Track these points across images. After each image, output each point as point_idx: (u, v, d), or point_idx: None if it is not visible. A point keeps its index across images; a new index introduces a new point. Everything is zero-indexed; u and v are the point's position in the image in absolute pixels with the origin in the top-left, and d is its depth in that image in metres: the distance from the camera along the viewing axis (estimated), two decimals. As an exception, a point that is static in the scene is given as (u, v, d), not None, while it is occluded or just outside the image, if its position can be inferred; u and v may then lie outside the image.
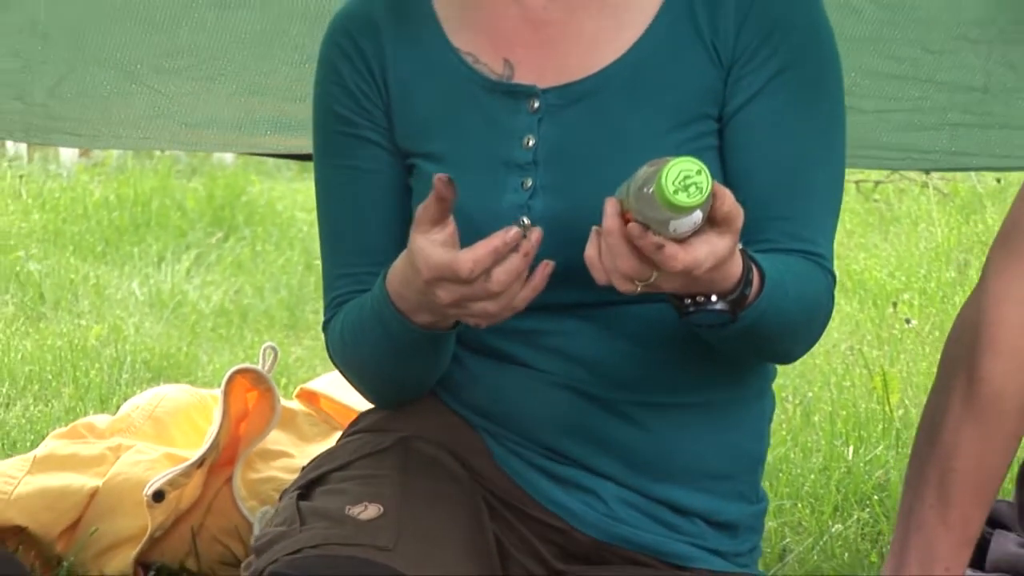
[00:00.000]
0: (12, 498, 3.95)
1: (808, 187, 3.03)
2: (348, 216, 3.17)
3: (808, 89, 3.04)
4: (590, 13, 3.07)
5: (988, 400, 3.11)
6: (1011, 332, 3.09)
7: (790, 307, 2.95)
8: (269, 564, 2.97)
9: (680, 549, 3.15)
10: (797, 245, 2.99)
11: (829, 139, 3.06)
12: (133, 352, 5.77)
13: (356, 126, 3.16)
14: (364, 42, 3.15)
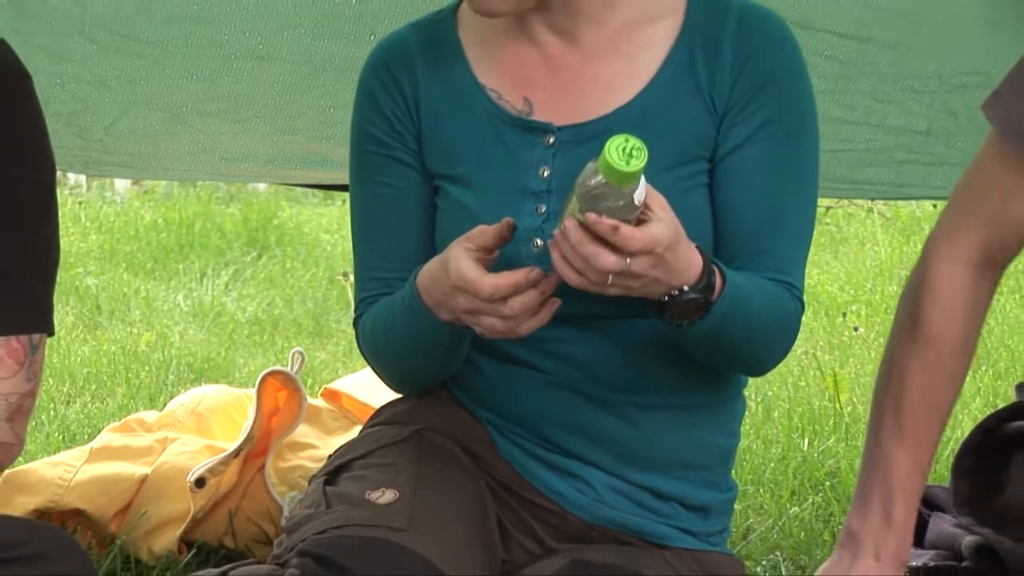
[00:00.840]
0: (71, 484, 3.94)
1: (784, 226, 3.03)
2: (379, 227, 3.15)
3: (790, 139, 3.04)
4: (603, 62, 3.06)
5: (929, 341, 3.13)
6: (947, 285, 3.12)
7: (755, 314, 2.96)
8: (298, 543, 2.97)
9: (659, 530, 3.15)
10: (773, 275, 2.99)
11: (805, 184, 3.06)
12: (178, 356, 5.76)
13: (389, 147, 3.14)
14: (400, 73, 3.14)
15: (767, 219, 3.02)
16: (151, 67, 3.99)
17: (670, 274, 2.80)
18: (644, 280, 2.78)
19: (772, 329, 3.00)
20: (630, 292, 2.81)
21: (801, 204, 3.06)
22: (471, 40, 3.13)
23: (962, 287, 3.11)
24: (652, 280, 2.79)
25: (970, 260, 3.11)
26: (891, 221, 8.26)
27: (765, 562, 3.97)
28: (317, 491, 3.13)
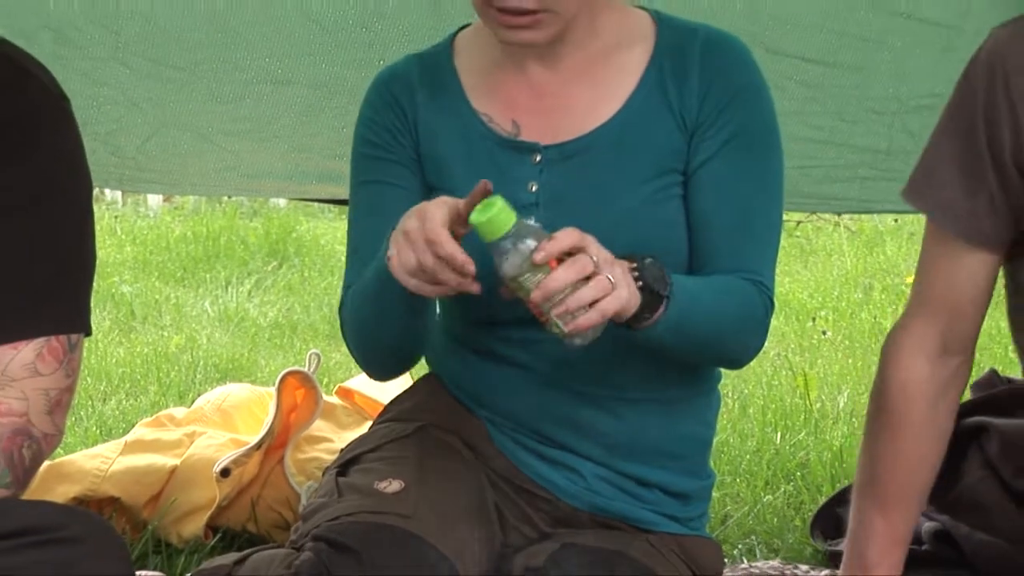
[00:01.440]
0: (107, 475, 3.94)
1: (752, 230, 3.02)
2: (371, 223, 3.11)
3: (754, 151, 3.04)
4: (582, 86, 3.06)
5: (895, 430, 3.13)
6: (905, 377, 3.10)
7: (713, 310, 2.95)
8: (313, 528, 2.97)
9: (644, 515, 3.14)
10: (744, 275, 2.98)
11: (770, 191, 3.05)
12: (205, 358, 5.76)
13: (388, 150, 3.13)
14: (401, 95, 3.13)
15: (736, 224, 3.02)
16: (180, 91, 3.99)
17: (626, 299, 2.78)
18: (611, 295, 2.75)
19: (737, 321, 2.99)
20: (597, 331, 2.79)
21: (767, 209, 3.05)
22: (465, 68, 3.13)
23: (920, 378, 3.09)
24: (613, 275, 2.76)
25: (925, 350, 3.08)
26: (856, 234, 8.26)
27: (741, 545, 3.96)
28: (330, 482, 3.13)
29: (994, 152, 2.95)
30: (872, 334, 6.29)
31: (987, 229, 2.99)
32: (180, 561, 3.75)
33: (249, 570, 2.98)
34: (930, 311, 3.08)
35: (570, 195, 3.03)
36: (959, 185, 2.98)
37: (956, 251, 3.03)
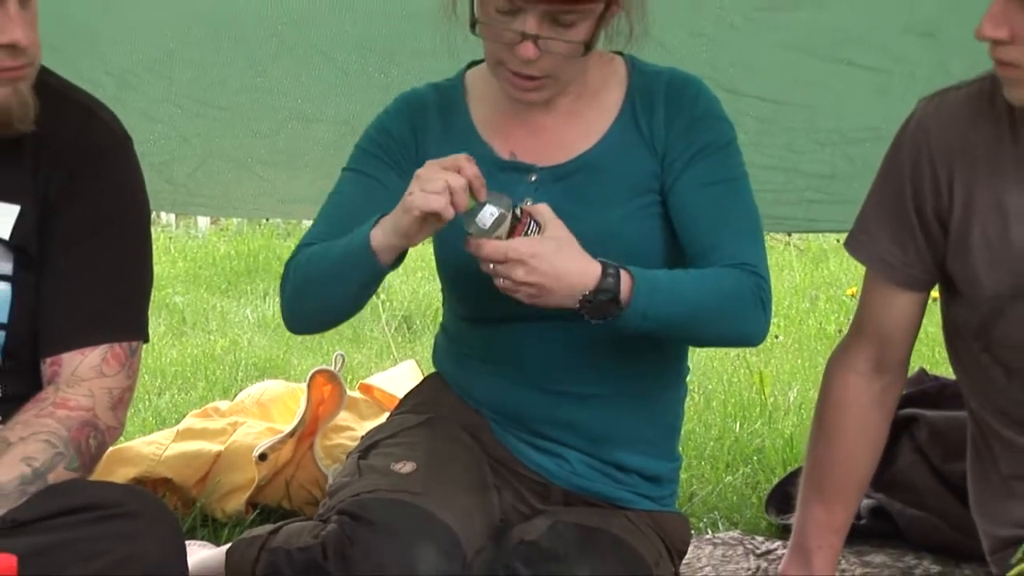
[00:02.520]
0: (162, 459, 3.94)
1: (728, 222, 2.99)
2: (348, 204, 3.09)
3: (717, 157, 3.02)
4: (570, 124, 3.06)
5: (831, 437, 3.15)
6: (841, 392, 3.14)
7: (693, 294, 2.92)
8: (338, 503, 2.96)
9: (622, 495, 3.13)
10: (728, 261, 2.95)
11: (738, 185, 3.03)
12: (246, 358, 5.75)
13: (388, 154, 3.10)
14: (416, 116, 3.11)
15: (713, 221, 2.99)
16: (223, 127, 3.98)
17: (557, 280, 2.80)
18: (532, 286, 2.78)
19: (721, 301, 2.94)
20: (534, 301, 2.80)
21: (739, 201, 3.02)
22: (474, 101, 3.11)
23: (855, 392, 3.12)
24: (540, 286, 2.79)
25: (860, 370, 3.12)
26: (804, 252, 8.25)
27: (706, 519, 3.95)
28: (352, 464, 3.13)
29: (919, 210, 2.99)
30: (818, 338, 6.28)
31: (915, 275, 3.04)
32: (224, 533, 3.74)
33: (282, 539, 2.97)
34: (866, 338, 3.13)
35: (560, 210, 3.01)
36: (891, 239, 3.03)
37: (889, 292, 3.08)
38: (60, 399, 2.74)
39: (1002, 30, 2.79)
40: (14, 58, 2.66)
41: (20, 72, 2.69)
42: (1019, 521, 3.06)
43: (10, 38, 2.65)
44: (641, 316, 2.85)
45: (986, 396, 3.09)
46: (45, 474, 2.67)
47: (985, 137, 2.95)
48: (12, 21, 2.64)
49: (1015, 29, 2.78)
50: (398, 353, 5.53)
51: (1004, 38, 2.79)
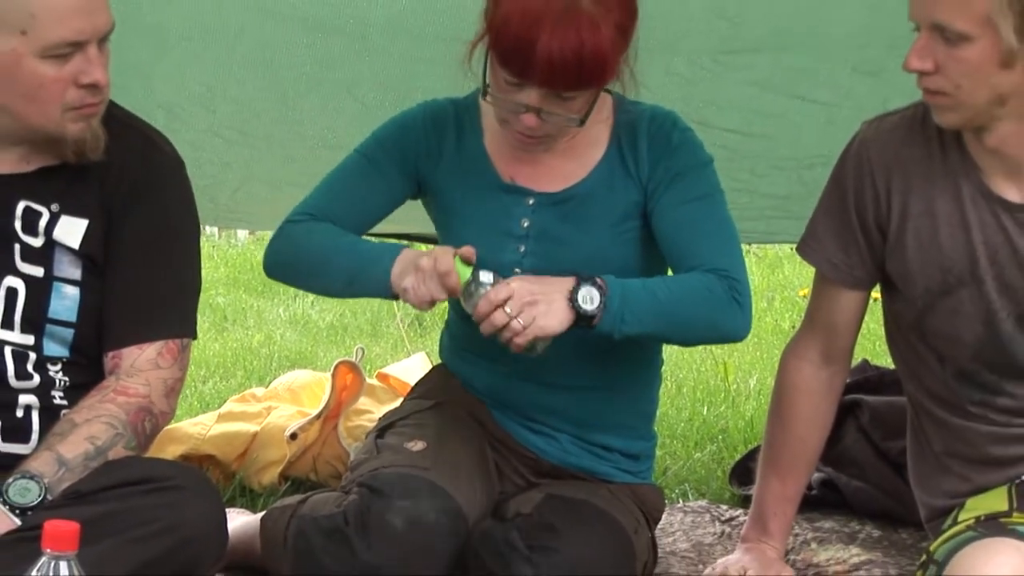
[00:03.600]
0: (206, 438, 3.93)
1: (705, 234, 2.97)
2: (347, 185, 3.07)
3: (692, 177, 3.01)
4: (565, 157, 3.04)
5: (785, 418, 3.16)
6: (794, 378, 3.15)
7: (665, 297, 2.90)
8: (358, 477, 2.97)
9: (606, 471, 3.14)
10: (705, 267, 2.92)
11: (713, 201, 3.01)
12: (279, 351, 5.75)
13: (399, 155, 3.07)
14: (433, 130, 3.07)
15: (690, 233, 2.97)
16: (260, 154, 3.98)
17: (542, 291, 2.80)
18: (531, 306, 2.78)
19: (696, 303, 2.91)
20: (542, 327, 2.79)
21: (713, 214, 3.00)
22: (485, 125, 3.08)
23: (806, 379, 3.13)
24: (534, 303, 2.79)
25: (810, 359, 3.13)
26: (762, 259, 8.25)
27: (677, 490, 3.95)
28: (371, 443, 3.13)
29: (861, 219, 3.00)
30: (774, 333, 6.27)
31: (858, 275, 3.04)
32: (259, 502, 3.73)
33: (309, 507, 2.96)
34: (816, 331, 3.13)
35: (553, 231, 3.02)
36: (836, 244, 3.03)
37: (835, 291, 3.08)
38: (120, 387, 2.73)
39: (927, 62, 2.80)
40: (93, 96, 2.67)
41: (95, 109, 2.69)
42: (951, 492, 3.06)
43: (92, 79, 2.64)
44: (619, 318, 2.83)
45: (921, 381, 3.09)
46: (106, 451, 2.66)
47: (917, 154, 2.96)
48: (92, 63, 2.64)
49: (938, 61, 2.79)
50: (411, 346, 5.51)
51: (929, 69, 2.80)
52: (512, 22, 2.80)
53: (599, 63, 2.82)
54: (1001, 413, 3.01)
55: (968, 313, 2.96)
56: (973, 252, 2.94)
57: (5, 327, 2.72)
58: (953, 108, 2.84)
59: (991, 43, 2.75)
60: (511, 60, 2.81)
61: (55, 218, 2.74)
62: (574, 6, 2.78)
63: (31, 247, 2.73)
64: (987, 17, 2.74)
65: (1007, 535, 2.87)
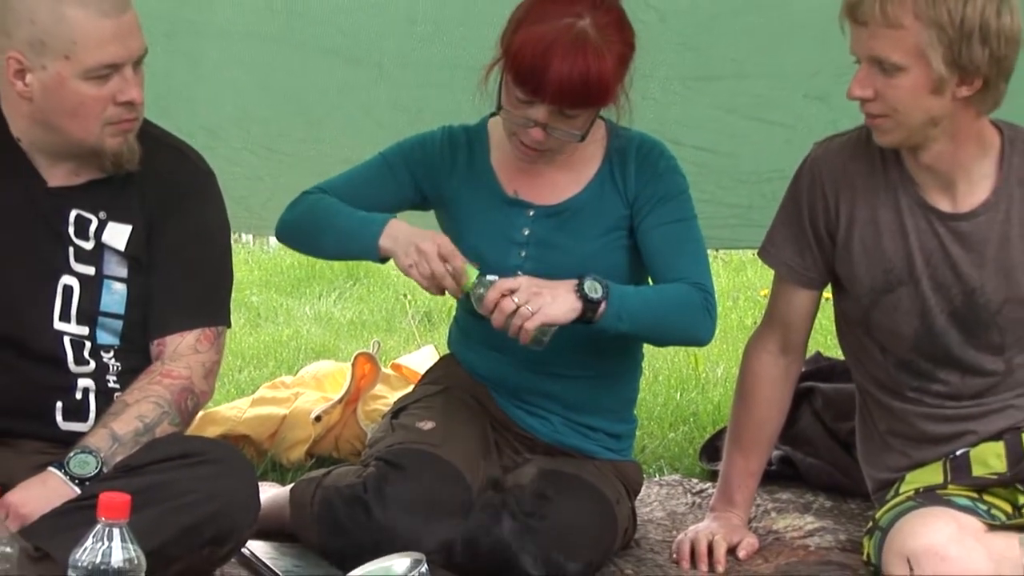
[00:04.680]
0: (241, 420, 3.91)
1: (683, 252, 2.99)
2: (363, 180, 3.07)
3: (674, 202, 3.02)
4: (562, 173, 3.04)
5: (747, 402, 3.17)
6: (755, 367, 3.16)
7: (655, 301, 2.92)
8: (375, 453, 2.98)
9: (592, 449, 3.13)
10: (684, 280, 2.94)
11: (689, 225, 3.02)
12: (305, 343, 5.72)
13: (413, 162, 3.07)
14: (447, 147, 3.07)
15: (671, 250, 2.99)
16: (288, 169, 3.96)
17: (549, 285, 2.81)
18: (537, 296, 2.79)
19: (675, 308, 2.93)
20: (546, 316, 2.80)
21: (690, 236, 3.01)
22: (492, 146, 3.09)
23: (766, 368, 3.14)
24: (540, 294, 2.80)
25: (769, 350, 3.14)
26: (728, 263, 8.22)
27: (654, 466, 3.94)
28: (386, 423, 3.13)
29: (814, 227, 3.01)
30: (739, 329, 6.24)
31: (811, 276, 3.06)
32: (288, 476, 3.72)
33: (332, 479, 2.96)
34: (774, 326, 3.14)
35: (550, 240, 3.02)
36: (792, 249, 3.05)
37: (792, 291, 3.09)
38: (165, 370, 2.73)
39: (867, 90, 2.81)
40: (129, 112, 2.67)
41: (131, 124, 2.70)
42: (893, 467, 3.07)
43: (128, 97, 2.65)
44: (616, 316, 2.84)
45: (866, 370, 3.10)
46: (153, 428, 2.67)
47: (862, 170, 2.97)
48: (128, 83, 2.64)
49: (877, 88, 2.80)
50: (420, 340, 5.50)
51: (870, 96, 2.82)
52: (528, 48, 2.82)
53: (603, 86, 2.84)
54: (935, 397, 3.02)
55: (907, 309, 2.97)
56: (911, 255, 2.95)
57: (63, 320, 2.72)
58: (892, 130, 2.85)
59: (923, 73, 2.77)
60: (526, 81, 2.83)
61: (103, 224, 2.74)
62: (583, 37, 2.81)
63: (83, 249, 2.74)
64: (919, 50, 2.75)
65: (942, 505, 2.89)
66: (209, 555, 2.59)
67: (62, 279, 2.73)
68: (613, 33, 2.86)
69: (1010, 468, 2.95)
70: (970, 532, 2.81)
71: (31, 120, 2.68)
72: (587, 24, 2.82)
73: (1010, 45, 2.76)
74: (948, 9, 2.71)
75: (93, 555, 2.18)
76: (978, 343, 2.96)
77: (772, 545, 3.21)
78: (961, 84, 2.77)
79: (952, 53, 2.73)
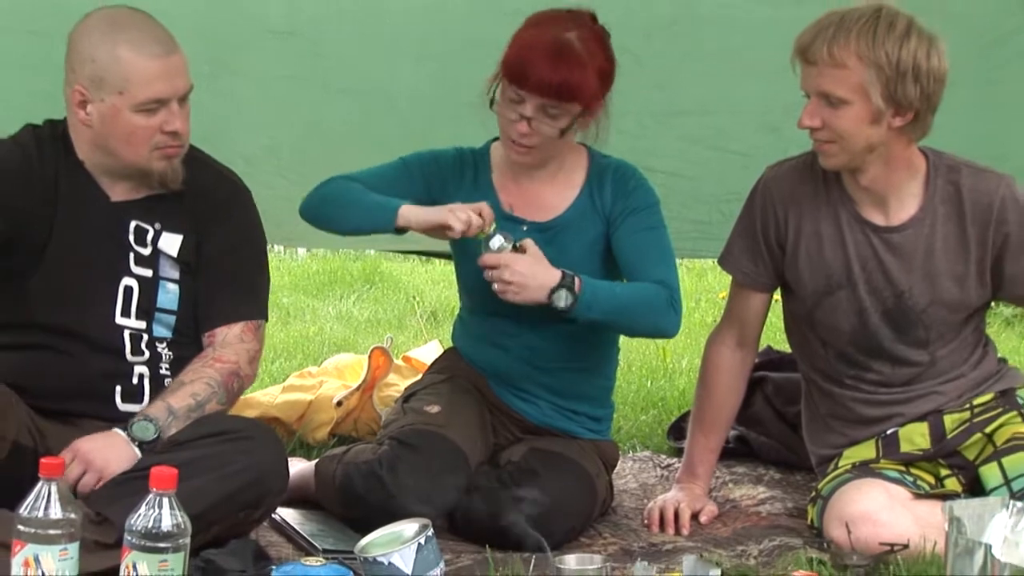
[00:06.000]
0: (273, 404, 3.90)
1: (651, 257, 2.98)
2: (382, 177, 3.02)
3: (644, 214, 3.01)
4: (550, 192, 3.05)
5: (708, 389, 3.17)
6: (715, 360, 3.15)
7: (621, 296, 2.91)
8: (388, 433, 2.96)
9: (575, 430, 3.13)
10: (651, 280, 2.93)
11: (658, 232, 3.01)
12: (328, 339, 5.71)
13: (427, 173, 3.05)
14: (457, 165, 3.07)
15: (641, 255, 2.97)
16: (313, 191, 3.95)
17: (532, 279, 2.80)
18: (513, 284, 2.78)
19: (642, 304, 2.91)
20: (516, 297, 2.79)
21: (658, 242, 3.00)
22: (493, 166, 3.09)
23: (723, 359, 3.14)
24: (519, 284, 2.79)
25: (727, 344, 3.13)
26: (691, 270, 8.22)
27: (628, 444, 3.92)
28: (398, 407, 3.12)
29: (766, 238, 3.02)
30: (700, 326, 6.24)
31: (763, 281, 3.06)
32: (313, 453, 3.70)
33: (351, 456, 2.96)
34: (731, 324, 3.14)
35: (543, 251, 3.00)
36: (747, 258, 3.06)
37: (746, 293, 3.10)
38: (216, 356, 2.76)
39: (816, 120, 2.82)
40: (174, 140, 2.69)
41: (176, 151, 2.72)
42: (833, 444, 3.07)
43: (173, 127, 2.67)
44: (587, 307, 2.84)
45: (811, 361, 3.10)
46: (204, 405, 2.69)
47: (808, 190, 2.98)
48: (174, 115, 2.66)
49: (824, 119, 2.81)
50: (427, 336, 5.49)
51: (817, 126, 2.83)
52: (518, 50, 2.86)
53: (580, 86, 2.85)
54: (870, 384, 3.02)
55: (845, 309, 2.98)
56: (849, 263, 2.95)
57: (123, 315, 2.74)
58: (836, 154, 2.86)
59: (864, 106, 2.78)
60: (514, 76, 2.86)
61: (158, 234, 2.77)
62: (568, 44, 2.85)
63: (142, 255, 2.76)
64: (861, 87, 2.76)
65: (875, 477, 2.90)
66: (245, 518, 2.59)
67: (123, 280, 2.75)
68: (595, 47, 2.88)
69: (933, 445, 2.97)
70: (898, 500, 2.82)
71: (92, 144, 2.71)
72: (572, 36, 2.86)
73: (938, 83, 2.78)
74: (886, 52, 2.73)
75: (146, 520, 2.20)
76: (906, 339, 2.97)
77: (729, 512, 3.21)
78: (896, 116, 2.79)
79: (889, 90, 2.75)
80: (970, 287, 2.93)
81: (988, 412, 2.98)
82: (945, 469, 2.96)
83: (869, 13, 2.75)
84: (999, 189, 2.89)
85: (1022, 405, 3.00)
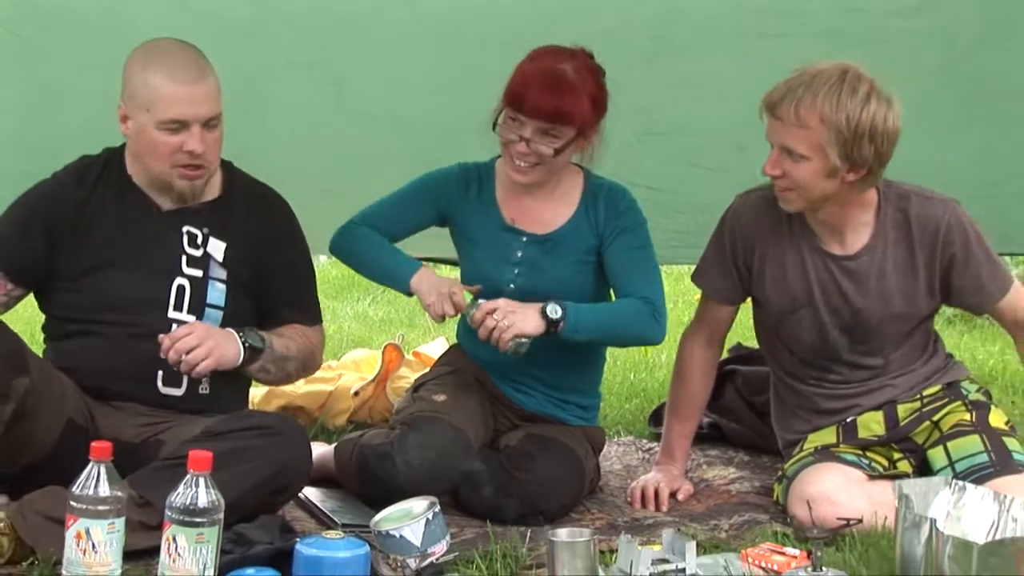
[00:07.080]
0: (298, 394, 3.88)
1: (638, 274, 2.96)
2: (393, 205, 3.04)
3: (633, 233, 2.99)
4: (548, 208, 3.02)
5: (682, 382, 3.16)
6: (689, 355, 3.15)
7: (606, 314, 2.90)
8: (400, 418, 2.95)
9: (566, 418, 3.12)
10: (636, 295, 2.92)
11: (645, 251, 2.99)
12: (348, 337, 5.69)
13: (436, 192, 3.04)
14: (462, 180, 3.05)
15: (629, 272, 2.96)
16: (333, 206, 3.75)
17: (521, 308, 2.81)
18: (508, 314, 2.79)
19: (627, 319, 2.91)
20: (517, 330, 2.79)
21: (645, 261, 2.98)
22: (497, 183, 3.07)
23: (696, 355, 3.13)
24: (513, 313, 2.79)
25: (699, 342, 3.14)
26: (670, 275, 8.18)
27: (613, 430, 3.91)
28: (408, 396, 3.11)
29: (735, 261, 3.03)
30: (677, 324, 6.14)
31: (731, 296, 3.07)
32: (333, 437, 3.69)
33: (367, 439, 2.95)
34: (702, 327, 3.15)
35: (537, 261, 3.01)
36: (717, 276, 3.06)
37: (716, 305, 3.11)
38: (306, 332, 2.84)
39: (777, 170, 2.84)
40: (193, 160, 2.68)
41: (197, 173, 2.72)
42: (798, 431, 3.08)
43: (191, 147, 2.67)
44: (574, 330, 2.84)
45: (779, 363, 3.10)
46: (287, 359, 2.78)
47: (772, 221, 2.99)
48: (193, 137, 2.66)
49: (785, 169, 2.82)
50: (435, 333, 5.48)
51: (779, 175, 2.84)
52: (518, 78, 2.86)
53: (573, 110, 2.84)
54: (831, 383, 3.04)
55: (807, 326, 2.99)
56: (810, 287, 2.96)
57: (176, 310, 2.74)
58: (794, 200, 2.88)
59: (822, 162, 2.79)
60: (512, 100, 2.85)
61: (207, 238, 2.78)
62: (562, 73, 2.84)
63: (193, 256, 2.77)
64: (820, 146, 2.77)
65: (834, 460, 2.90)
66: (272, 500, 2.60)
67: (176, 280, 2.75)
68: (587, 77, 2.87)
69: (888, 432, 2.98)
70: (854, 481, 2.83)
71: (133, 157, 2.75)
72: (567, 67, 2.85)
73: (891, 143, 2.79)
74: (847, 115, 2.72)
75: (184, 498, 2.20)
76: (863, 348, 2.98)
77: (703, 490, 3.20)
78: (850, 172, 2.80)
79: (846, 150, 2.75)
80: (919, 300, 2.94)
81: (936, 402, 2.99)
82: (898, 453, 2.97)
83: (836, 76, 2.74)
84: (944, 215, 2.90)
85: (965, 396, 3.01)
